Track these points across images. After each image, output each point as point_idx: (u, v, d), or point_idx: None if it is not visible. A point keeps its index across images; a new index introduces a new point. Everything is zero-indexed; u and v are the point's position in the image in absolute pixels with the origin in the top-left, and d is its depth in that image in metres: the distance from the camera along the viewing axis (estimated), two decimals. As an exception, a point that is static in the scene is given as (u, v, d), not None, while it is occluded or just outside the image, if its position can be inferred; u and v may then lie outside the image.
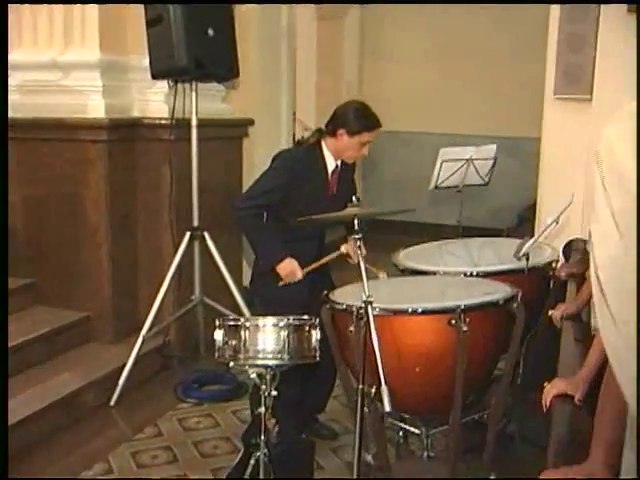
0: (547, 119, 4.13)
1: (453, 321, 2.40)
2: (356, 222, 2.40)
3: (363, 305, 2.33)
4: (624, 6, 3.72)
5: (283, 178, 2.99)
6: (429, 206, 7.01)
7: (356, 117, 2.96)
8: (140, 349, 3.83)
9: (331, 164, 3.09)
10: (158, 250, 4.22)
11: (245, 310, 4.02)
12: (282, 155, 3.12)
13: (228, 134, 4.75)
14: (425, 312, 2.47)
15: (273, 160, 3.11)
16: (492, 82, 7.46)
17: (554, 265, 3.18)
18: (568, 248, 3.58)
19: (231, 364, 2.60)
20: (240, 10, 4.43)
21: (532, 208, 7.14)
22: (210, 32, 3.69)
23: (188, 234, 3.94)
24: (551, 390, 1.89)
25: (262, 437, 2.62)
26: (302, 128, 6.29)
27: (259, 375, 2.60)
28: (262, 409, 2.61)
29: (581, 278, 3.25)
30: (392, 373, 2.36)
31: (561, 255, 3.45)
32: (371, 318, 2.27)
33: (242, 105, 4.97)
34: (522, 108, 7.08)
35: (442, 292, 2.82)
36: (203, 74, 3.78)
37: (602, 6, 3.82)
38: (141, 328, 3.90)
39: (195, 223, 3.99)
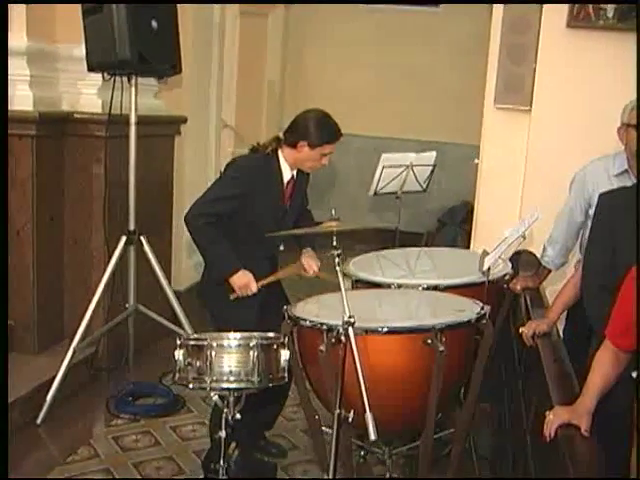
0: (487, 128, 4.13)
1: (429, 341, 2.33)
2: (334, 238, 2.30)
3: (341, 325, 2.22)
4: (564, 21, 3.78)
5: (237, 187, 2.82)
6: (356, 211, 6.96)
7: (318, 129, 2.82)
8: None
9: (287, 174, 2.95)
10: (87, 254, 3.94)
11: (183, 320, 3.81)
12: (236, 163, 2.95)
13: (161, 132, 4.50)
14: (400, 331, 2.39)
15: (226, 167, 2.94)
16: (418, 86, 7.47)
17: (507, 278, 3.17)
18: (515, 259, 3.58)
19: (190, 386, 2.43)
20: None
21: (450, 213, 7.30)
22: (154, 24, 3.46)
23: (124, 238, 3.69)
24: (555, 420, 1.83)
25: (222, 462, 2.48)
26: (222, 125, 6.07)
27: (221, 397, 2.44)
28: (222, 433, 2.46)
29: (536, 291, 3.27)
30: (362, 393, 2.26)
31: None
32: (352, 340, 2.16)
33: (172, 102, 4.74)
34: (448, 114, 7.16)
35: (414, 309, 2.74)
36: (146, 69, 3.54)
37: (543, 19, 3.85)
38: (67, 337, 3.63)
39: (131, 227, 3.73)
